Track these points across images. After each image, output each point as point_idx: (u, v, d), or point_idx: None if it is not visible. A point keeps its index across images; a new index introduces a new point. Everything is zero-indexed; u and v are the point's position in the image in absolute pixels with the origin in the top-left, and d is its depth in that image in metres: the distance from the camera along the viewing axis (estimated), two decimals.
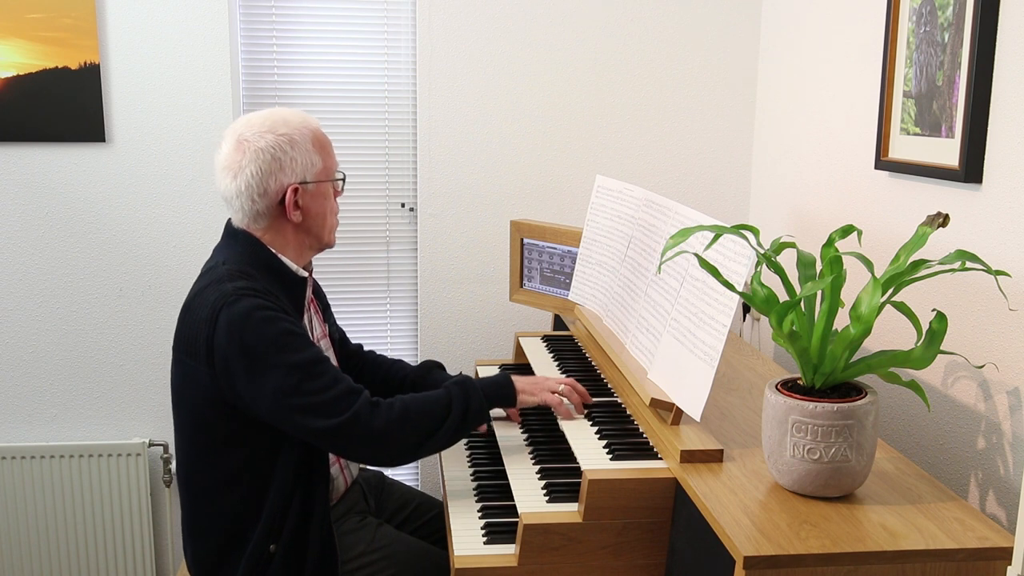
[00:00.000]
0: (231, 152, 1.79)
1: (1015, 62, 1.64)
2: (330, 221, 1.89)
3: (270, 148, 1.77)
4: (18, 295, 2.76)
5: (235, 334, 1.66)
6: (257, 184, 1.77)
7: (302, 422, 1.68)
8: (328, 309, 2.12)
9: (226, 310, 1.67)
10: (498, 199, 2.87)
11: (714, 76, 2.87)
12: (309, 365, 1.69)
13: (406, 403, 1.78)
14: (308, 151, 1.81)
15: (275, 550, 1.77)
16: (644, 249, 2.05)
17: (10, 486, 2.79)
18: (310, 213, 1.83)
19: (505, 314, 2.93)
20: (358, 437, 1.71)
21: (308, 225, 1.84)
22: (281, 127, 1.79)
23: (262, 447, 1.76)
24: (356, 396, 1.72)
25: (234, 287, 1.71)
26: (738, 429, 1.78)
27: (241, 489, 1.77)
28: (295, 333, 1.71)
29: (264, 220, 1.81)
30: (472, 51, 2.78)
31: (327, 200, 1.86)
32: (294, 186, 1.79)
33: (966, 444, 1.78)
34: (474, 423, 1.84)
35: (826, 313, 1.50)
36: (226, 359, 1.68)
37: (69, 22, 2.61)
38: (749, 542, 1.33)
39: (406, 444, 1.76)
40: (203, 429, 1.77)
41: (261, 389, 1.67)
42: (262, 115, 1.82)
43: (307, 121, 1.84)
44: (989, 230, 1.71)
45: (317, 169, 1.82)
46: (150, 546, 2.86)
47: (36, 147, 2.68)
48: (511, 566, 1.63)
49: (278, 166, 1.77)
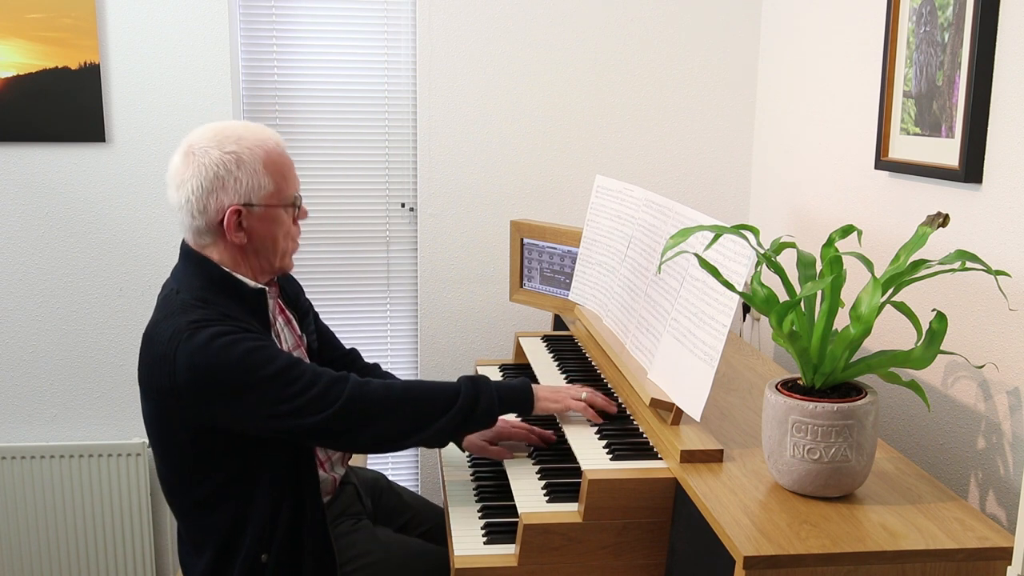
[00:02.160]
0: (179, 163, 1.71)
1: (1015, 62, 1.64)
2: (283, 245, 1.78)
3: (213, 165, 1.68)
4: (18, 295, 2.76)
5: (199, 369, 1.61)
6: (196, 200, 1.68)
7: (299, 425, 1.65)
8: (307, 315, 2.02)
9: (183, 346, 1.62)
10: (498, 199, 2.87)
11: (714, 76, 2.87)
12: (285, 371, 1.65)
13: (409, 382, 1.76)
14: (256, 172, 1.70)
15: (267, 560, 1.75)
16: (644, 249, 2.05)
17: (10, 486, 2.79)
18: (256, 235, 1.73)
19: (505, 314, 2.93)
20: (358, 419, 1.67)
21: (256, 247, 1.75)
22: (230, 144, 1.69)
23: (242, 463, 1.72)
24: (344, 382, 1.68)
25: (187, 321, 1.64)
26: (738, 429, 1.78)
27: (226, 506, 1.74)
28: (259, 348, 1.65)
29: (207, 237, 1.73)
30: (472, 51, 2.78)
31: (278, 225, 1.75)
32: (236, 207, 1.69)
33: (966, 444, 1.78)
34: (481, 422, 1.78)
35: (826, 313, 1.50)
36: (197, 394, 1.63)
37: (69, 22, 2.61)
38: (749, 542, 1.33)
39: (403, 425, 1.71)
40: (178, 454, 1.74)
41: (247, 411, 1.64)
42: (217, 127, 1.73)
43: (264, 140, 1.73)
44: (989, 230, 1.71)
45: (266, 192, 1.71)
46: (150, 546, 2.86)
47: (36, 147, 2.68)
48: (511, 566, 1.63)
49: (220, 184, 1.68)
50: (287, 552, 1.76)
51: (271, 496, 1.74)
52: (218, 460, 1.72)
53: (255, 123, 1.79)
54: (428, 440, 1.77)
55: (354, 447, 1.87)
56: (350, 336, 2.92)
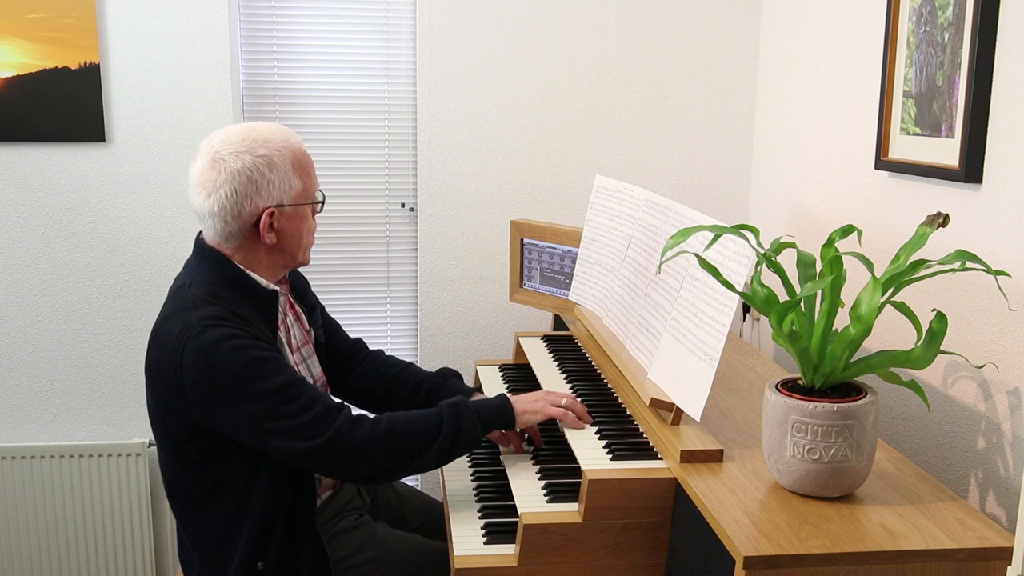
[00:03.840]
0: (206, 169, 1.71)
1: (1015, 62, 1.64)
2: (306, 240, 1.83)
3: (247, 170, 1.69)
4: (18, 295, 2.76)
5: (203, 367, 1.62)
6: (231, 206, 1.70)
7: (283, 445, 1.66)
8: (315, 310, 2.04)
9: (192, 343, 1.62)
10: (498, 199, 2.87)
11: (714, 76, 2.87)
12: (284, 389, 1.65)
13: (393, 420, 1.74)
14: (287, 173, 1.73)
15: (263, 568, 1.75)
16: (644, 249, 2.05)
17: (10, 486, 2.79)
18: (285, 235, 1.77)
19: (505, 314, 2.93)
20: (341, 455, 1.68)
21: (283, 246, 1.78)
22: (260, 147, 1.71)
23: (241, 461, 1.73)
24: (335, 414, 1.69)
25: (199, 317, 1.65)
26: (738, 429, 1.78)
27: (225, 501, 1.75)
28: (265, 359, 1.65)
29: (236, 240, 1.75)
30: (472, 51, 2.78)
31: (304, 221, 1.80)
32: (270, 210, 1.72)
33: (966, 444, 1.78)
34: (466, 446, 1.79)
35: (826, 313, 1.50)
36: (197, 391, 1.64)
37: (69, 22, 2.61)
38: (749, 542, 1.33)
39: (391, 461, 1.73)
40: (180, 447, 1.75)
41: (238, 418, 1.65)
42: (241, 131, 1.74)
43: (289, 140, 1.76)
44: (989, 230, 1.71)
45: (296, 192, 1.76)
46: (150, 546, 2.86)
47: (36, 147, 2.68)
48: (511, 566, 1.63)
49: (254, 189, 1.70)
50: (283, 558, 1.77)
51: (269, 497, 1.75)
52: (218, 457, 1.73)
53: (272, 123, 1.81)
54: (418, 470, 1.78)
55: (339, 478, 1.89)
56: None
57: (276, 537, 1.76)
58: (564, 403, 1.87)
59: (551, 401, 1.87)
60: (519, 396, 1.89)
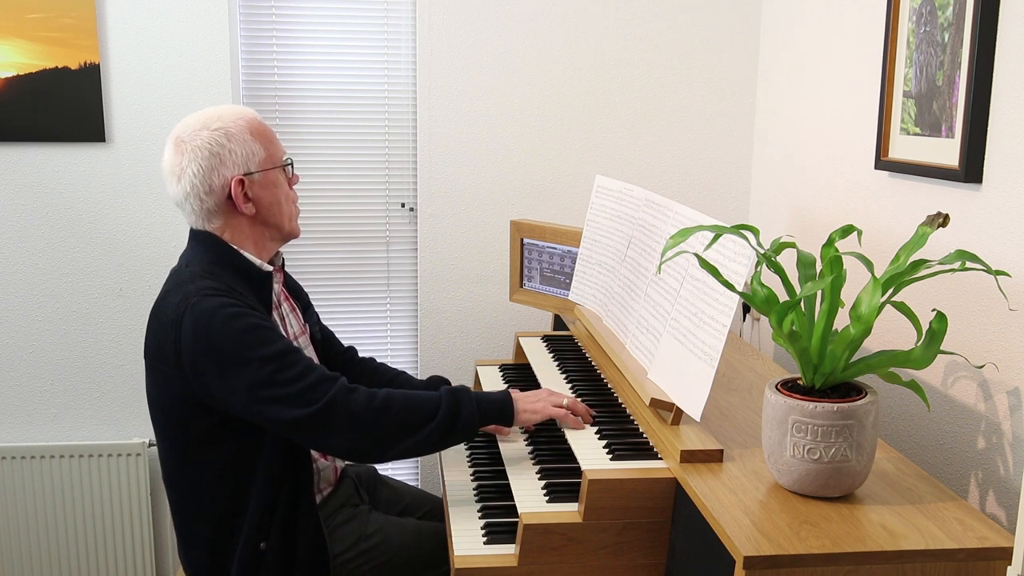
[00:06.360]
0: (172, 156, 1.78)
1: (1015, 62, 1.64)
2: (287, 209, 1.86)
3: (207, 144, 1.75)
4: (18, 295, 2.76)
5: (201, 334, 1.65)
6: (201, 183, 1.76)
7: (278, 414, 1.67)
8: (309, 308, 2.08)
9: (190, 311, 1.67)
10: (498, 199, 2.87)
11: (714, 76, 2.87)
12: (281, 356, 1.68)
13: (391, 394, 1.75)
14: (247, 141, 1.78)
15: (265, 548, 1.77)
16: (644, 249, 2.05)
17: (10, 486, 2.79)
18: (262, 203, 1.81)
19: (505, 314, 2.93)
20: (336, 424, 1.69)
21: (264, 216, 1.82)
22: (215, 122, 1.78)
23: (242, 445, 1.75)
24: (332, 382, 1.70)
25: (196, 288, 1.70)
26: (738, 429, 1.78)
27: (226, 488, 1.76)
28: (263, 327, 1.69)
29: (218, 218, 1.80)
30: (472, 51, 2.78)
31: (278, 188, 1.84)
32: (238, 178, 1.77)
33: (966, 444, 1.78)
34: (462, 435, 1.80)
35: (826, 313, 1.50)
36: (195, 360, 1.66)
37: (69, 22, 2.61)
38: (749, 542, 1.33)
39: (385, 436, 1.73)
40: (180, 431, 1.76)
41: (234, 386, 1.66)
42: (198, 114, 1.81)
43: (242, 112, 1.82)
44: (989, 230, 1.71)
45: (260, 158, 1.80)
46: (150, 546, 2.86)
47: (36, 147, 2.68)
48: (511, 566, 1.63)
49: (218, 161, 1.76)
50: (284, 540, 1.78)
51: (269, 481, 1.76)
52: (218, 439, 1.74)
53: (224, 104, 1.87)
54: (407, 453, 1.77)
55: (331, 451, 1.87)
56: (350, 336, 2.92)
57: (277, 518, 1.77)
58: (566, 403, 1.87)
59: (553, 402, 1.88)
60: (521, 394, 1.90)
